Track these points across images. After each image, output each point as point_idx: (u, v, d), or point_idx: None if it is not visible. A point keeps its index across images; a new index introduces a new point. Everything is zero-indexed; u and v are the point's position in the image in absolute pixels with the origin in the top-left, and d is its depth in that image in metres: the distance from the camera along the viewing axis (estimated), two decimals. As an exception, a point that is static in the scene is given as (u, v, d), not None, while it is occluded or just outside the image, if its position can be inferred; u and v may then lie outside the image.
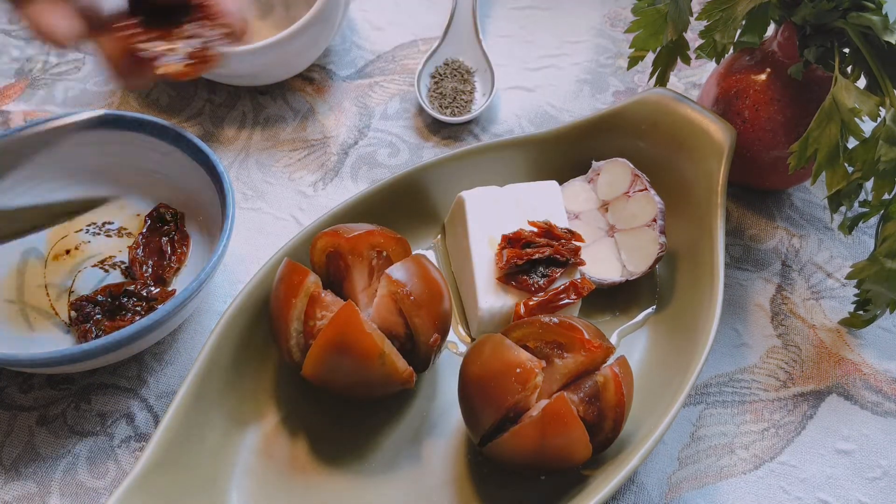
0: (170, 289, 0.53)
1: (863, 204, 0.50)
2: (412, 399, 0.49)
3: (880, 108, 0.47)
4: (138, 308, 0.51)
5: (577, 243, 0.49)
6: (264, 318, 0.47)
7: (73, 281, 0.53)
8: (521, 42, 0.71)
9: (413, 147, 0.63)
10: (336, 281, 0.47)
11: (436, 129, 0.64)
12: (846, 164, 0.48)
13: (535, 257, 0.47)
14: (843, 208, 0.54)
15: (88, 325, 0.50)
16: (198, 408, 0.44)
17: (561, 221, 0.51)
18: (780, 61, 0.55)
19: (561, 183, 0.54)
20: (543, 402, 0.42)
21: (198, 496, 0.43)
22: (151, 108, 0.65)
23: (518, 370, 0.42)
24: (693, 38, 0.58)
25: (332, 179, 0.61)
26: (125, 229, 0.56)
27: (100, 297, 0.51)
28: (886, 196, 0.48)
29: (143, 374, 0.51)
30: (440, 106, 0.64)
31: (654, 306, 0.53)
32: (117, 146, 0.55)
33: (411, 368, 0.45)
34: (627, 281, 0.52)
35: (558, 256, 0.48)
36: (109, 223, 0.56)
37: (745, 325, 0.55)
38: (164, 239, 0.54)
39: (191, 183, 0.54)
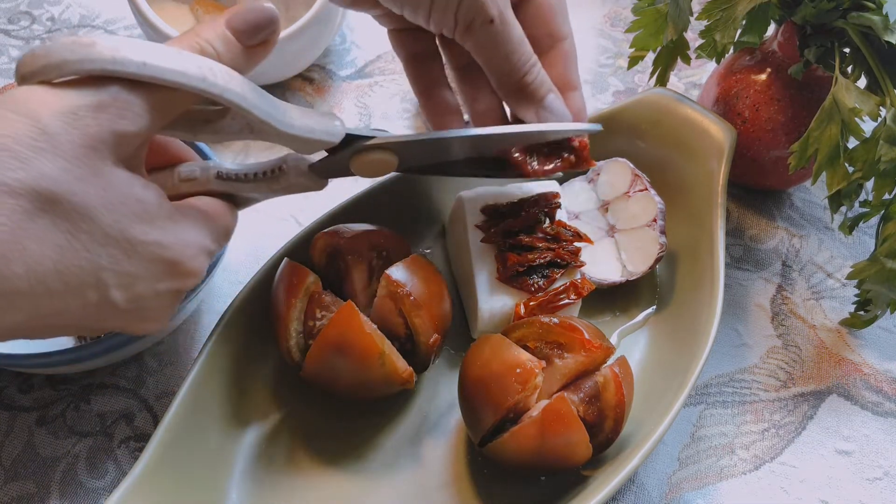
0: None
1: (863, 204, 0.50)
2: (412, 399, 0.49)
3: (881, 107, 0.47)
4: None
5: (581, 244, 0.49)
6: (264, 318, 0.47)
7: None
8: (521, 42, 0.71)
9: (413, 147, 0.63)
10: (336, 281, 0.47)
11: (436, 129, 0.64)
12: (846, 164, 0.48)
13: (536, 263, 0.47)
14: (843, 208, 0.54)
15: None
16: (198, 408, 0.44)
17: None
18: (780, 61, 0.55)
19: (561, 183, 0.54)
20: (543, 403, 0.42)
21: (198, 496, 0.43)
22: (151, 108, 0.65)
23: (518, 370, 0.42)
24: (693, 37, 0.58)
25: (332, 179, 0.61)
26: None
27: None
28: (887, 196, 0.48)
29: (143, 374, 0.51)
30: (440, 106, 0.64)
31: (654, 306, 0.53)
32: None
33: (411, 368, 0.45)
34: (627, 281, 0.52)
35: (559, 260, 0.48)
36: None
37: (746, 326, 0.55)
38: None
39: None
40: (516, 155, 0.45)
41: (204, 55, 0.35)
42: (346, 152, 0.41)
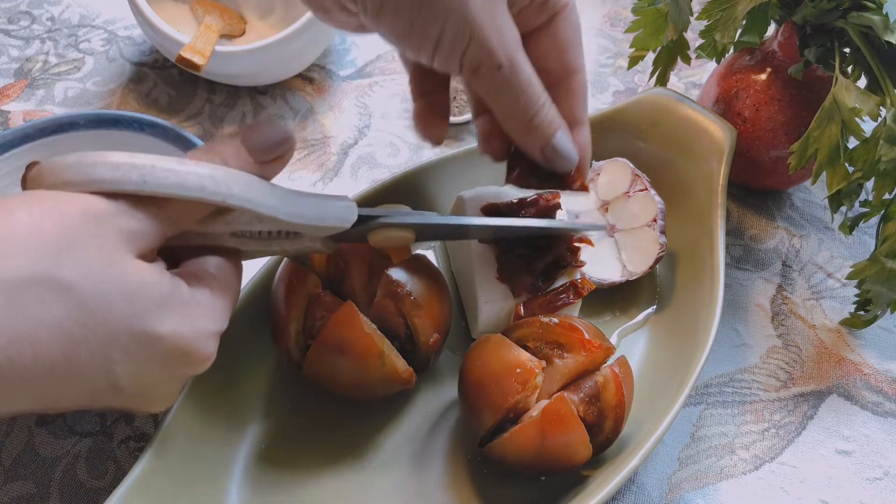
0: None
1: (863, 204, 0.50)
2: (412, 399, 0.49)
3: (881, 107, 0.47)
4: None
5: (581, 244, 0.49)
6: (264, 318, 0.47)
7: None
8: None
9: (413, 147, 0.63)
10: (336, 281, 0.47)
11: (436, 129, 0.64)
12: (847, 164, 0.48)
13: (536, 263, 0.47)
14: (843, 208, 0.54)
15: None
16: (198, 408, 0.44)
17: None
18: (780, 61, 0.55)
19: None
20: (543, 403, 0.42)
21: (198, 497, 0.43)
22: (151, 108, 0.65)
23: (518, 370, 0.42)
24: (693, 37, 0.58)
25: (332, 179, 0.61)
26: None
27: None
28: (887, 196, 0.48)
29: (143, 374, 0.51)
30: (440, 106, 0.64)
31: (654, 306, 0.53)
32: (116, 146, 0.55)
33: (411, 368, 0.45)
34: (627, 281, 0.52)
35: (559, 260, 0.48)
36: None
37: (746, 326, 0.55)
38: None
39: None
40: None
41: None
42: (365, 227, 0.41)
